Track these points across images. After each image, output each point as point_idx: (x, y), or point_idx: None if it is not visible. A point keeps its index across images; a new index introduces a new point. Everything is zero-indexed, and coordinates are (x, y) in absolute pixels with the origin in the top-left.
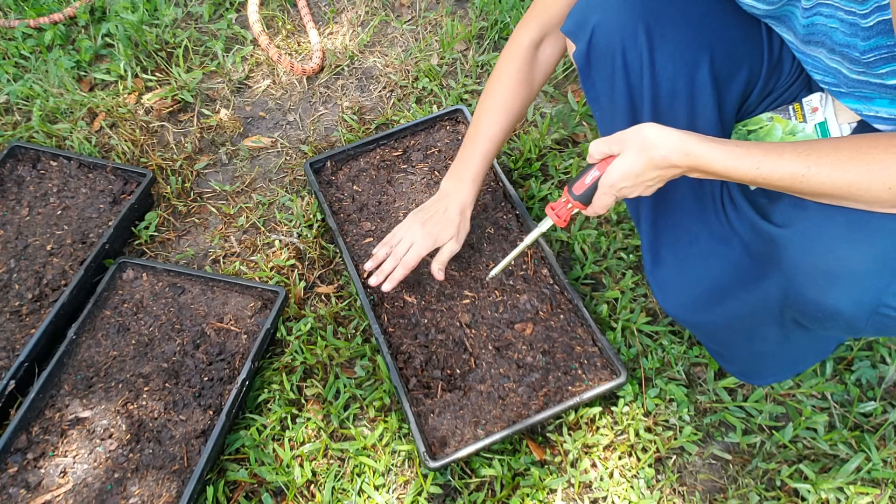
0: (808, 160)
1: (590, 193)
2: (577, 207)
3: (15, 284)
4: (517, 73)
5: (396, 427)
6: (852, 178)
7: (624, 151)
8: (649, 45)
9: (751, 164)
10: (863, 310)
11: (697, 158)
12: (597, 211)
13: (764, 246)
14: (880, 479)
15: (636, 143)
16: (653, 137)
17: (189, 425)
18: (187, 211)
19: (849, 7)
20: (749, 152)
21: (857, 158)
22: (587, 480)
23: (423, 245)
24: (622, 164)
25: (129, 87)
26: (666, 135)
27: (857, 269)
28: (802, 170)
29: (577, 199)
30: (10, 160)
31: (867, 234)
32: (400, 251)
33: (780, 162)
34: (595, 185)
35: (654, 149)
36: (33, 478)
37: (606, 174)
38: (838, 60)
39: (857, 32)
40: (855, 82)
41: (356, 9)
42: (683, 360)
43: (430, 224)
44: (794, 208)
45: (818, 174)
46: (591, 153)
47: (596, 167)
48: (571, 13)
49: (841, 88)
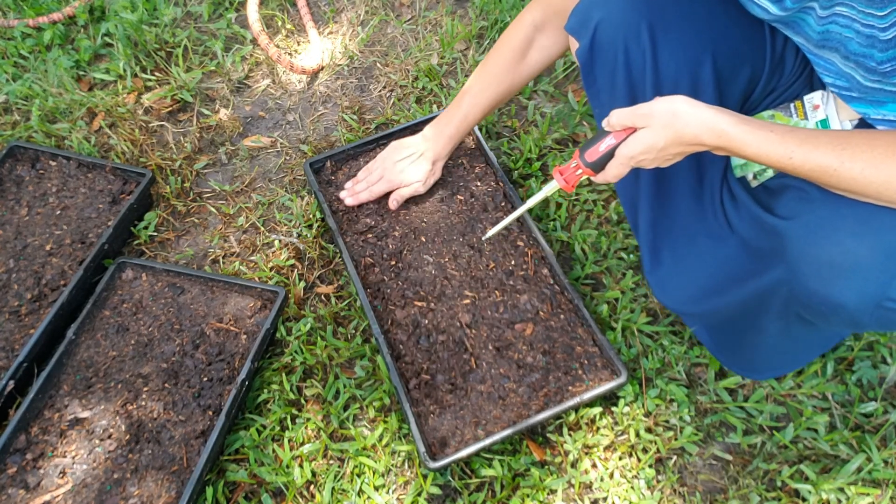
0: (842, 154)
1: (603, 161)
2: (587, 174)
3: (14, 284)
4: (515, 50)
5: (396, 427)
6: (886, 177)
7: (650, 126)
8: (652, 42)
9: (784, 153)
10: (867, 303)
11: (731, 140)
12: (608, 179)
13: (767, 240)
14: (881, 479)
15: (665, 117)
16: (684, 113)
17: (188, 426)
18: (187, 211)
19: (867, 21)
20: (784, 139)
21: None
22: (587, 481)
23: (391, 180)
24: (646, 137)
25: (129, 87)
26: (698, 112)
27: (862, 262)
28: (836, 164)
29: (589, 165)
30: (9, 160)
31: (873, 227)
32: (372, 179)
33: (815, 154)
34: (609, 153)
35: (686, 126)
36: (32, 478)
37: (626, 145)
38: (853, 67)
39: (874, 44)
40: (868, 89)
41: (356, 8)
42: (684, 360)
43: (404, 163)
44: (799, 201)
45: (851, 170)
46: (610, 122)
47: (612, 135)
48: (575, 11)
49: (853, 93)
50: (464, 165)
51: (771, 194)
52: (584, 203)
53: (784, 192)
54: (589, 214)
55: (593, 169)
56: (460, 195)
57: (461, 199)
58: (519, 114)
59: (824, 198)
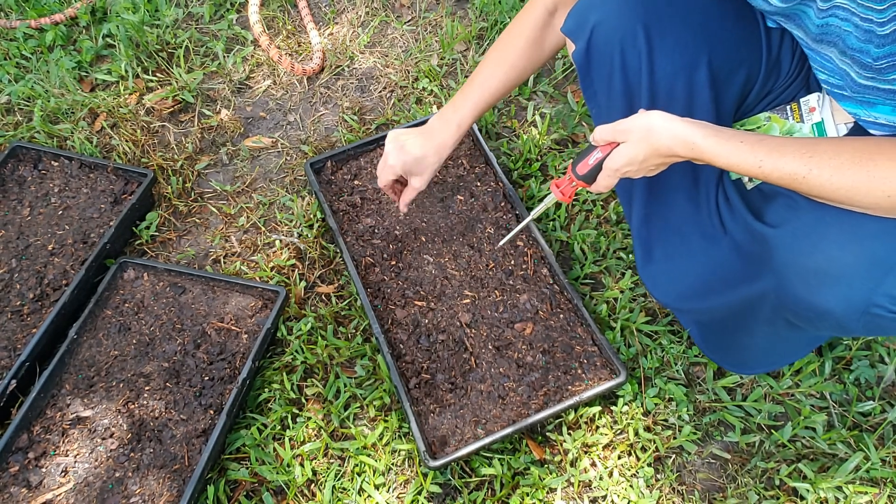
0: (810, 162)
1: (593, 173)
2: (581, 186)
3: (16, 284)
4: (527, 33)
5: (397, 426)
6: (852, 183)
7: (628, 140)
8: (648, 45)
9: (753, 161)
10: (853, 310)
11: (702, 153)
12: (600, 190)
13: (756, 246)
14: (879, 478)
15: (640, 132)
16: (657, 128)
17: (190, 425)
18: (188, 211)
19: (866, 14)
20: (753, 149)
21: (860, 164)
22: (587, 479)
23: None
24: (626, 151)
25: (130, 88)
26: (670, 126)
27: (847, 270)
28: (804, 171)
29: (581, 178)
30: (12, 160)
31: (858, 235)
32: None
33: (782, 161)
34: (598, 165)
35: (659, 140)
36: (34, 477)
37: (611, 158)
38: (848, 63)
39: (871, 39)
40: (861, 87)
41: (356, 9)
42: (682, 359)
43: (404, 153)
44: (787, 209)
45: (819, 176)
46: (595, 137)
47: (599, 149)
48: (571, 13)
49: (845, 91)
50: (464, 165)
51: (764, 199)
52: (584, 203)
53: (774, 199)
54: (588, 214)
55: (585, 181)
56: (460, 195)
57: (461, 199)
58: (518, 114)
59: (811, 206)
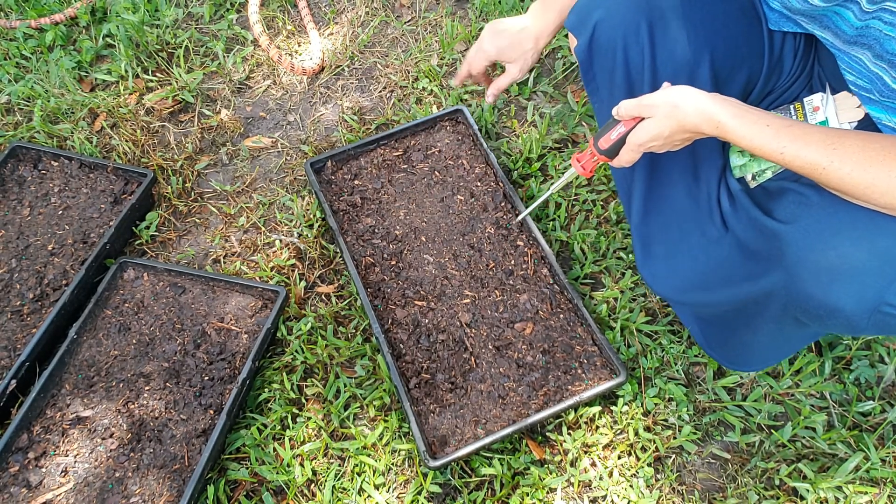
0: (832, 154)
1: (615, 148)
2: (602, 160)
3: (16, 284)
4: None
5: (397, 426)
6: (872, 180)
7: (654, 116)
8: (651, 42)
9: (776, 147)
10: (865, 308)
11: (726, 132)
12: (622, 164)
13: (765, 243)
14: (879, 478)
15: (667, 107)
16: (684, 104)
17: (190, 424)
18: (188, 211)
19: None
20: (777, 134)
21: (883, 163)
22: (587, 479)
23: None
24: (652, 126)
25: (130, 88)
26: (698, 102)
27: (859, 267)
28: (825, 163)
29: (603, 153)
30: (12, 160)
31: (871, 232)
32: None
33: (806, 150)
34: (620, 140)
35: (686, 116)
36: (34, 477)
37: (635, 133)
38: (883, 68)
39: None
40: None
41: (356, 9)
42: (682, 359)
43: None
44: (799, 206)
45: (839, 170)
46: (619, 112)
47: (622, 123)
48: (574, 8)
49: (872, 95)
50: (464, 165)
51: (770, 197)
52: (584, 203)
53: (783, 196)
54: (588, 214)
55: (607, 156)
56: (460, 195)
57: (461, 199)
58: (518, 114)
59: (823, 202)
